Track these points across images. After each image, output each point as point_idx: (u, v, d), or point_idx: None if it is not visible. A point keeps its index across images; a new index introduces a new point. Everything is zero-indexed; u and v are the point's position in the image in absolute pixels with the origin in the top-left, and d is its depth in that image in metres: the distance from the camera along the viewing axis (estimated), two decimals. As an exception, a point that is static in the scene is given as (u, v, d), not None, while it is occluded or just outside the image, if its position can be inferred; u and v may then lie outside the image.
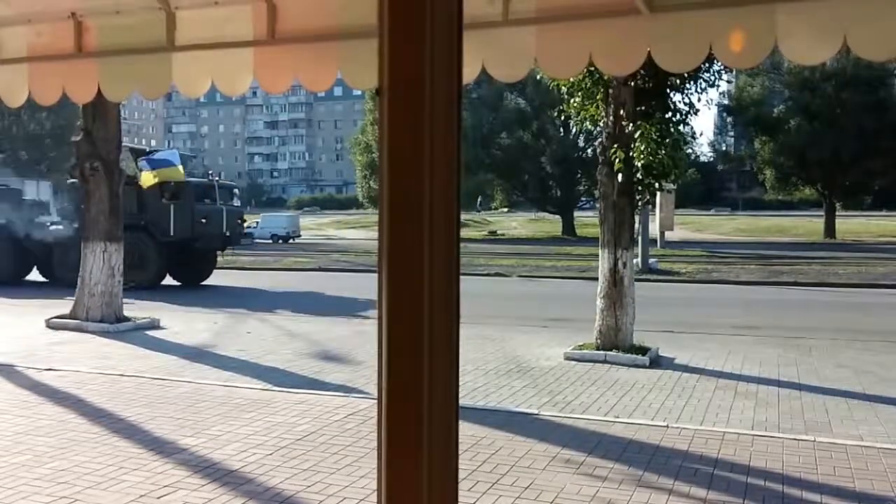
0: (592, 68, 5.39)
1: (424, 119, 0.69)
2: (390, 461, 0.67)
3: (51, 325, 9.28)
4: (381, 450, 0.68)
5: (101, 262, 9.43)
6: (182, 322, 9.95)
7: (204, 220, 15.17)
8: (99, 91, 3.08)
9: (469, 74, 2.83)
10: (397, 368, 0.67)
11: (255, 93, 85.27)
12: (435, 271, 0.69)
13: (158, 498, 3.71)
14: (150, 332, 9.13)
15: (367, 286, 14.17)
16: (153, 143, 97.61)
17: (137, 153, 15.29)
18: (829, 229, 31.98)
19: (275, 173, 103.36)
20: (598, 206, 8.29)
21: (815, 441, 4.80)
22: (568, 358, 7.52)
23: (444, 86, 0.70)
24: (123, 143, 10.35)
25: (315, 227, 47.54)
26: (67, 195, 15.79)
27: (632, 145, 7.65)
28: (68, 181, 16.19)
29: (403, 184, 0.68)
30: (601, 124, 8.15)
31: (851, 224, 35.62)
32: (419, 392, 0.67)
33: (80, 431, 4.85)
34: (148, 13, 2.84)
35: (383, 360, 0.69)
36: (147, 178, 13.92)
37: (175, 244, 14.99)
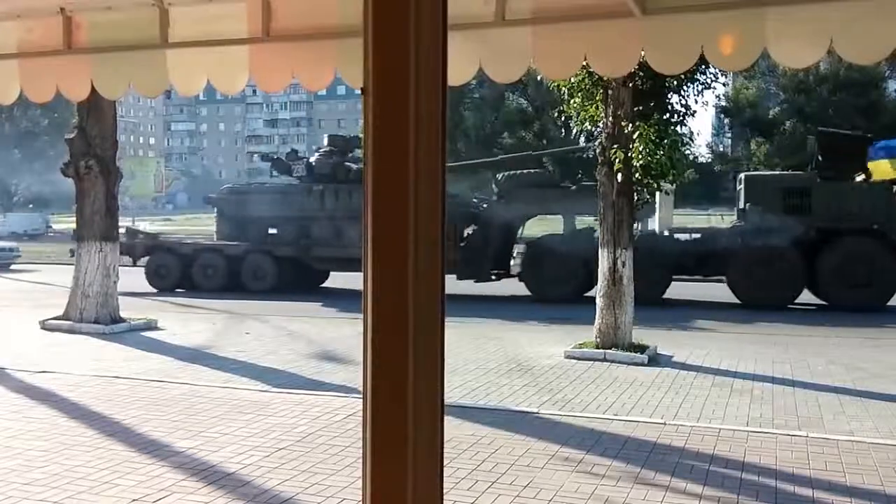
0: (591, 69, 5.40)
1: (409, 118, 0.69)
2: (375, 459, 0.67)
3: (45, 326, 9.26)
4: (366, 448, 0.68)
5: (95, 262, 9.38)
6: (180, 322, 9.94)
7: None
8: (94, 89, 3.06)
9: (466, 74, 2.83)
10: (382, 367, 0.67)
11: (254, 91, 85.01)
12: (420, 271, 0.69)
13: (154, 502, 3.70)
14: (147, 334, 9.10)
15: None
16: (151, 141, 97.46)
17: (860, 141, 12.58)
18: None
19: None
20: (598, 205, 8.30)
21: (807, 437, 4.84)
22: (568, 356, 7.54)
23: (429, 85, 0.70)
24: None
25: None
26: (757, 192, 12.23)
27: (630, 146, 7.67)
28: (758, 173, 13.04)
29: (388, 184, 0.68)
30: (601, 125, 8.17)
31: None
32: (404, 391, 0.67)
33: (73, 435, 4.83)
34: (140, 9, 2.83)
35: (368, 359, 0.69)
36: (884, 170, 11.17)
37: None
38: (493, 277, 13.38)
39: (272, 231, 14.30)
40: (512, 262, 13.69)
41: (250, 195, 14.97)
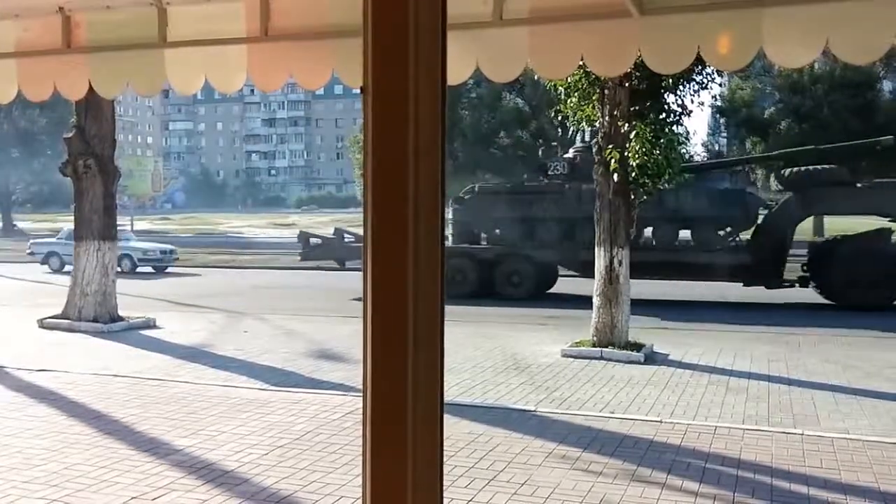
0: (588, 69, 5.42)
1: (409, 117, 0.70)
2: (375, 458, 0.68)
3: (44, 325, 9.24)
4: (366, 447, 0.69)
5: (94, 261, 9.37)
6: (178, 321, 9.93)
7: None
8: (91, 87, 3.07)
9: (463, 73, 2.84)
10: (381, 365, 0.68)
11: (252, 90, 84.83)
12: (420, 269, 0.70)
13: (152, 500, 3.70)
14: (146, 332, 9.09)
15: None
16: (149, 140, 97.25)
17: None
18: (818, 228, 32.15)
19: (273, 171, 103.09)
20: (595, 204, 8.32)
21: (803, 434, 4.86)
22: (565, 355, 7.56)
23: (428, 85, 0.70)
24: None
25: (314, 225, 47.39)
26: None
27: (627, 145, 7.68)
28: None
29: (387, 183, 0.68)
30: (597, 124, 8.18)
31: (840, 223, 35.88)
32: (403, 389, 0.68)
33: (72, 433, 4.83)
34: (139, 8, 2.83)
35: (367, 356, 0.69)
36: None
37: None
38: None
39: (527, 233, 12.98)
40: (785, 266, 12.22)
41: (503, 195, 13.51)
